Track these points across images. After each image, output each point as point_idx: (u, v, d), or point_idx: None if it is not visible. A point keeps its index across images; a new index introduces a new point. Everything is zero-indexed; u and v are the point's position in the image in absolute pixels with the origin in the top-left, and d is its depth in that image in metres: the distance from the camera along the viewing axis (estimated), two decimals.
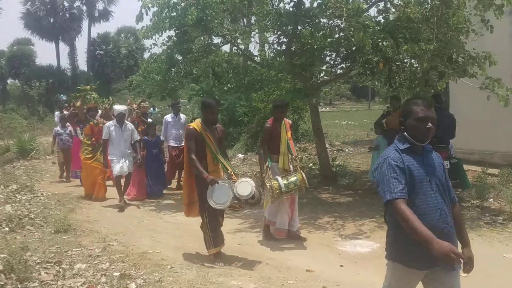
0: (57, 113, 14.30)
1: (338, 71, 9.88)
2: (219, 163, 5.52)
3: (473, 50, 7.35)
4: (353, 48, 7.88)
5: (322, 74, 9.69)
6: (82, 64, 44.48)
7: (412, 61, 7.89)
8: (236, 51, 9.81)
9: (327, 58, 8.96)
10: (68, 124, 11.43)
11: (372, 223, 7.09)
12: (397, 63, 7.69)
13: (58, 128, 11.54)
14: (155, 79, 8.78)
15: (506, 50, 10.20)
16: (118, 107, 8.80)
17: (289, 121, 6.64)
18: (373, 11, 13.57)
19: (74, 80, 38.59)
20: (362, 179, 10.43)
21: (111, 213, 8.20)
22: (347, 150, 15.36)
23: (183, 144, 9.03)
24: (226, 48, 11.73)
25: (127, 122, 8.58)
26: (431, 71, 8.05)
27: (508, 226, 6.67)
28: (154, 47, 8.65)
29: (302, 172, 6.05)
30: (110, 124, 8.43)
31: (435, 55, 7.03)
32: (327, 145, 13.44)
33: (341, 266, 5.35)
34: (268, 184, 5.89)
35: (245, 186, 5.21)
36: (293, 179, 5.97)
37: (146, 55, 14.43)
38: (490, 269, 5.11)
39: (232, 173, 5.47)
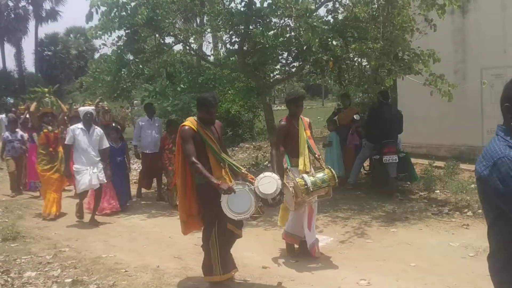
0: (3, 116, 12.98)
1: (291, 70, 10.02)
2: (226, 166, 4.71)
3: (418, 48, 7.64)
4: (304, 48, 8.01)
5: (275, 73, 9.80)
6: (30, 65, 43.00)
7: (361, 59, 8.12)
8: (188, 51, 9.75)
9: (279, 57, 9.06)
10: (17, 129, 10.21)
11: (326, 217, 7.25)
12: (346, 62, 7.89)
13: (7, 133, 10.12)
14: (105, 79, 8.60)
15: (449, 47, 10.66)
16: (84, 108, 7.73)
17: (307, 119, 5.74)
18: (322, 11, 13.81)
19: (22, 82, 37.14)
20: None
21: (62, 218, 7.96)
22: None
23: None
24: (180, 48, 11.68)
25: (95, 126, 7.51)
26: (380, 69, 8.32)
27: (454, 216, 7.00)
28: (103, 48, 8.46)
29: (330, 168, 5.20)
30: (76, 127, 7.28)
31: (382, 53, 7.26)
32: None
33: (296, 261, 5.44)
34: (291, 184, 4.94)
35: (269, 182, 4.37)
36: (320, 175, 5.08)
37: (97, 55, 14.07)
38: (436, 257, 5.37)
39: (246, 172, 4.69)
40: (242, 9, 8.32)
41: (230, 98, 13.20)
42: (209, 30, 9.32)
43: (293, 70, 9.75)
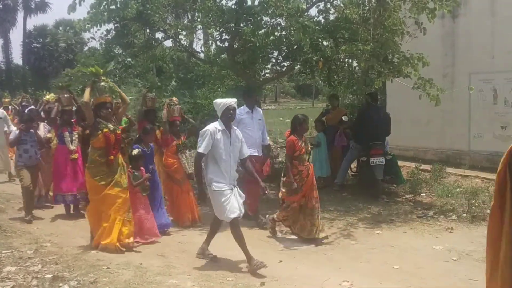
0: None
1: (281, 69, 10.00)
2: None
3: (407, 51, 7.67)
4: (294, 47, 7.99)
5: (264, 72, 9.77)
6: (17, 57, 42.46)
7: (351, 60, 8.13)
8: (178, 47, 9.67)
9: (269, 56, 9.03)
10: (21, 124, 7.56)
11: None
12: (336, 63, 7.89)
13: (13, 130, 7.73)
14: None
15: (438, 52, 10.73)
16: (223, 101, 5.27)
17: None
18: (313, 11, 13.83)
19: (9, 74, 36.68)
20: None
21: (45, 213, 7.85)
22: None
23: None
24: (170, 43, 11.59)
25: (234, 126, 5.40)
26: (370, 71, 8.33)
27: (438, 219, 7.03)
28: (92, 41, 8.37)
29: None
30: (215, 128, 5.09)
31: (372, 56, 7.27)
32: (271, 142, 13.54)
33: (280, 261, 5.42)
34: None
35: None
36: None
37: (86, 49, 13.92)
38: (420, 260, 5.39)
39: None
40: (233, 6, 8.27)
41: (220, 96, 13.15)
42: (199, 26, 9.26)
43: (283, 69, 9.73)
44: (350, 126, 9.23)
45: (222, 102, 5.26)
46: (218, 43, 8.82)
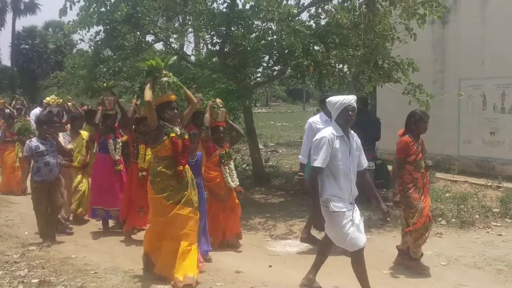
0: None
1: (272, 74, 9.99)
2: None
3: (397, 57, 7.70)
4: (285, 51, 7.99)
5: (255, 76, 9.75)
6: (6, 59, 42.00)
7: (341, 65, 8.15)
8: (169, 50, 9.63)
9: (261, 60, 9.02)
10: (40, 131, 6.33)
11: (302, 223, 7.20)
12: (327, 67, 7.90)
13: (34, 141, 6.15)
14: (81, 75, 8.42)
15: (428, 57, 10.82)
16: (340, 98, 4.25)
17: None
18: (305, 16, 13.89)
19: None
20: (294, 180, 10.61)
21: (33, 216, 7.72)
22: (280, 151, 15.59)
23: None
24: (161, 47, 11.53)
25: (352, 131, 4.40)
26: (361, 76, 8.36)
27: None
28: (81, 43, 8.30)
29: None
30: (331, 133, 4.13)
31: (362, 61, 7.29)
32: (261, 146, 13.54)
33: (270, 266, 5.39)
34: None
35: None
36: None
37: (75, 50, 13.78)
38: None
39: None
40: (224, 10, 8.27)
41: (211, 99, 13.09)
42: (190, 29, 9.23)
43: (274, 73, 9.73)
44: None
45: (339, 100, 4.21)
46: (209, 46, 8.82)
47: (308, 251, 5.99)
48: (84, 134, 7.32)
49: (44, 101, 8.58)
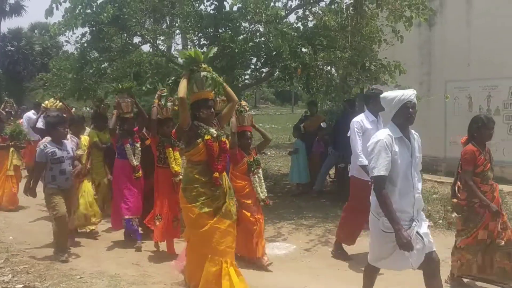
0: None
1: (260, 76, 9.98)
2: None
3: (384, 59, 7.74)
4: (273, 53, 7.98)
5: (243, 78, 9.73)
6: None
7: (329, 67, 8.18)
8: (156, 52, 9.57)
9: (248, 62, 9.01)
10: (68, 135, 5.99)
11: (290, 225, 7.22)
12: (315, 69, 7.91)
13: (48, 146, 5.55)
14: (67, 77, 8.33)
15: (415, 59, 10.89)
16: (396, 94, 3.65)
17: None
18: (292, 18, 13.88)
19: None
20: (282, 182, 10.61)
21: (18, 220, 7.62)
22: (269, 153, 15.57)
23: None
24: (148, 48, 11.45)
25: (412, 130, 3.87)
26: (348, 78, 8.38)
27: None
28: (67, 45, 8.22)
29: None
30: (390, 137, 3.55)
31: (349, 63, 7.32)
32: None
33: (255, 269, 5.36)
34: None
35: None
36: None
37: (61, 52, 13.64)
38: None
39: None
40: (211, 12, 8.24)
41: None
42: (177, 31, 9.19)
43: (262, 75, 9.72)
44: (329, 133, 9.25)
45: (397, 96, 3.57)
46: (197, 48, 8.77)
47: (296, 253, 5.98)
48: (85, 139, 6.84)
49: (42, 105, 7.90)
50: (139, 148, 6.32)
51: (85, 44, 8.23)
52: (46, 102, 7.74)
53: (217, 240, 4.15)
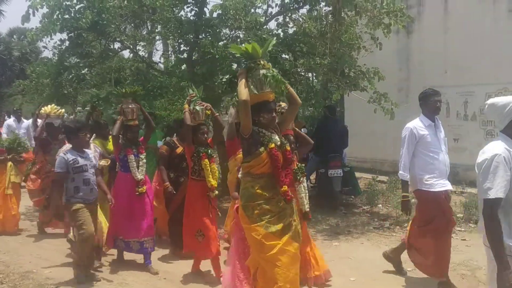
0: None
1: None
2: None
3: (363, 66, 7.83)
4: None
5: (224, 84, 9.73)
6: None
7: (309, 74, 8.24)
8: (136, 58, 9.52)
9: (229, 68, 9.01)
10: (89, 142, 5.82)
11: None
12: (295, 76, 7.97)
13: (69, 155, 4.98)
14: (44, 83, 8.22)
15: (394, 66, 11.04)
16: (508, 100, 2.98)
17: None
18: (273, 24, 13.96)
19: None
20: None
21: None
22: None
23: None
24: (130, 54, 11.38)
25: None
26: (329, 84, 8.46)
27: (394, 230, 7.15)
28: (44, 50, 8.13)
29: None
30: (508, 151, 2.87)
31: (329, 69, 7.39)
32: None
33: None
34: None
35: None
36: None
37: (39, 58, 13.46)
38: (376, 272, 5.43)
39: None
40: (192, 18, 8.24)
41: (179, 107, 12.97)
42: (158, 37, 9.16)
43: None
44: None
45: (510, 102, 2.95)
46: (177, 54, 8.75)
47: None
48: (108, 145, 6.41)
49: (42, 111, 7.21)
50: (144, 160, 5.66)
51: (63, 50, 8.14)
52: (47, 108, 7.16)
53: (286, 265, 3.59)
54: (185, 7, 8.36)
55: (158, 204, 6.31)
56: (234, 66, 9.02)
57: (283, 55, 7.75)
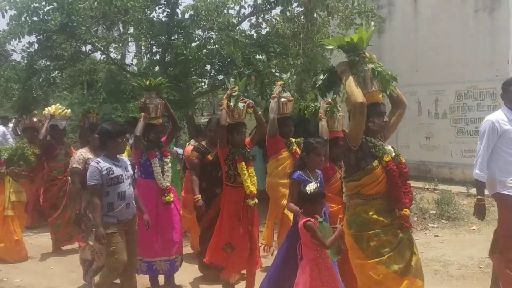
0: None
1: (215, 83, 9.95)
2: None
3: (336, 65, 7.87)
4: (227, 61, 7.99)
5: (198, 85, 9.68)
6: None
7: (283, 74, 8.26)
8: (107, 60, 9.37)
9: (202, 70, 8.98)
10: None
11: (263, 228, 7.15)
12: (269, 76, 7.97)
13: (102, 163, 4.01)
14: (14, 88, 8.04)
15: None
16: None
17: None
18: (246, 25, 13.93)
19: None
20: None
21: None
22: None
23: None
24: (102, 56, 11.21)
25: None
26: (304, 84, 8.48)
27: None
28: (13, 54, 7.94)
29: None
30: None
31: (302, 70, 7.42)
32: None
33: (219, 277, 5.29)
34: None
35: None
36: None
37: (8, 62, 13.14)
38: None
39: None
40: (164, 19, 8.17)
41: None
42: (130, 39, 9.04)
43: (217, 83, 9.70)
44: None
45: None
46: (150, 56, 8.67)
47: (270, 258, 5.93)
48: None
49: (45, 111, 6.47)
50: (170, 164, 4.94)
51: (33, 53, 7.96)
52: (50, 108, 6.44)
53: None
54: (157, 8, 8.28)
55: (188, 214, 5.52)
56: (208, 67, 9.00)
57: (257, 56, 7.73)
